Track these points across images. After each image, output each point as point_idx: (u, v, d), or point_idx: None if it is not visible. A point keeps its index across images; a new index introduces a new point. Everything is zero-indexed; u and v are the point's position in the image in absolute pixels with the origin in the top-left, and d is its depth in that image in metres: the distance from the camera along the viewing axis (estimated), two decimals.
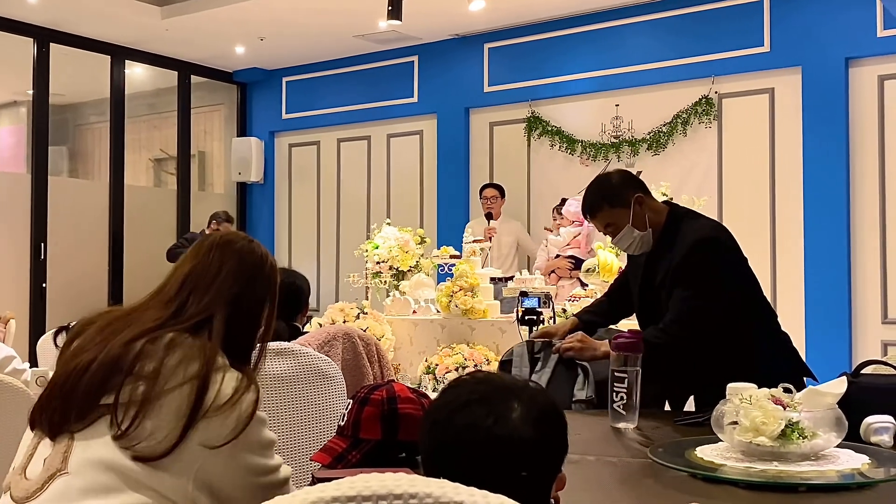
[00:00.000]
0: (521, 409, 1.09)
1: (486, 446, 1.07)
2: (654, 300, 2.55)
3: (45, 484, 1.32)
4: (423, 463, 1.12)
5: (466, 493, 0.87)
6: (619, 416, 2.10)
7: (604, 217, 2.54)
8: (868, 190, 5.71)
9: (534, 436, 1.08)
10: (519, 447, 1.07)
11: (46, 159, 7.13)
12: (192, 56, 7.88)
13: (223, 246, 1.53)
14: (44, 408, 1.38)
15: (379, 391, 1.69)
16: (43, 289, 7.03)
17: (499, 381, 1.15)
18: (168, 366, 1.35)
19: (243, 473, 1.39)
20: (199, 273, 1.49)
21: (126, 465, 1.31)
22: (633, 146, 6.44)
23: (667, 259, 2.48)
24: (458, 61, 7.28)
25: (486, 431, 1.07)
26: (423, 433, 1.15)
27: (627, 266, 2.85)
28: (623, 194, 2.52)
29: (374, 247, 5.79)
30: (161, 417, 1.32)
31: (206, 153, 8.71)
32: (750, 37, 6.05)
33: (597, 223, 2.58)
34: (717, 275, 2.42)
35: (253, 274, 1.53)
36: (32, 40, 7.01)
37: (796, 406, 1.68)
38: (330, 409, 2.34)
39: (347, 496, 0.86)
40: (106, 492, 1.29)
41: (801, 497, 1.50)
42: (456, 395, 1.12)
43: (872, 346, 5.62)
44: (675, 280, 2.43)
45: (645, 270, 2.60)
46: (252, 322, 1.52)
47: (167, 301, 1.46)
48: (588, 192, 2.60)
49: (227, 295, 1.47)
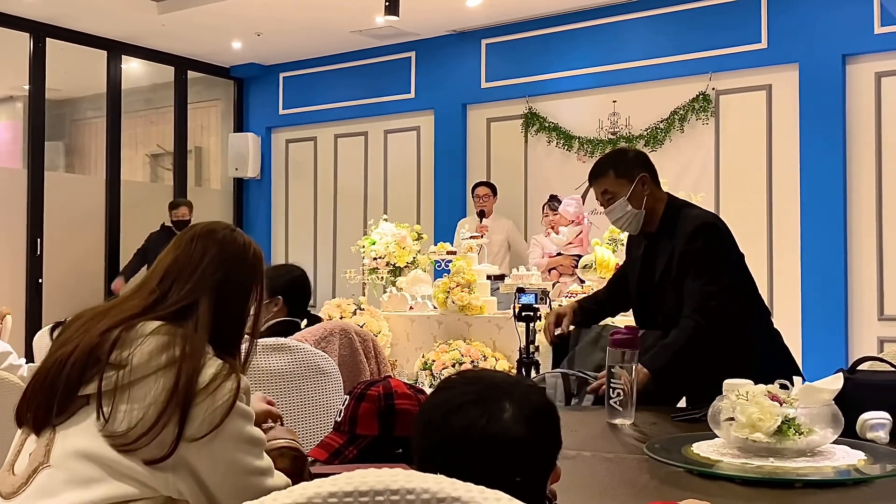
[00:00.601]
0: (513, 408, 1.10)
1: (480, 446, 1.08)
2: (654, 292, 2.55)
3: (30, 478, 1.32)
4: (419, 463, 1.12)
5: (464, 489, 0.87)
6: (616, 412, 2.10)
7: (605, 182, 2.57)
8: (865, 187, 5.71)
9: (526, 434, 1.09)
10: (512, 446, 1.09)
11: (42, 154, 7.11)
12: (188, 51, 7.86)
13: (205, 235, 1.51)
14: (28, 404, 1.38)
15: (376, 387, 1.68)
16: (39, 284, 7.01)
17: (490, 380, 1.16)
18: (144, 352, 1.34)
19: (226, 470, 1.36)
20: (181, 263, 1.47)
21: (107, 455, 1.30)
22: (630, 142, 6.43)
23: (667, 248, 2.50)
24: (455, 57, 7.27)
25: (480, 431, 1.08)
26: (417, 434, 1.15)
27: (626, 261, 2.86)
28: (631, 169, 2.56)
29: (370, 243, 5.78)
30: (137, 404, 1.31)
31: (202, 149, 8.68)
32: (747, 33, 6.05)
33: (596, 188, 2.60)
34: (721, 260, 2.45)
35: (236, 260, 1.51)
36: (29, 35, 6.99)
37: (793, 402, 1.68)
38: (326, 404, 2.33)
39: (344, 492, 0.86)
40: (88, 482, 1.29)
41: (797, 493, 1.50)
42: (450, 396, 1.13)
43: (868, 342, 5.62)
44: (683, 268, 2.44)
45: (643, 263, 2.61)
46: (238, 311, 1.50)
47: (149, 292, 1.45)
48: (601, 158, 2.67)
49: (210, 281, 1.45)
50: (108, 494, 1.29)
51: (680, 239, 2.46)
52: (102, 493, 1.28)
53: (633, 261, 2.70)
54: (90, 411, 1.33)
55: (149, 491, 1.31)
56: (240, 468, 1.37)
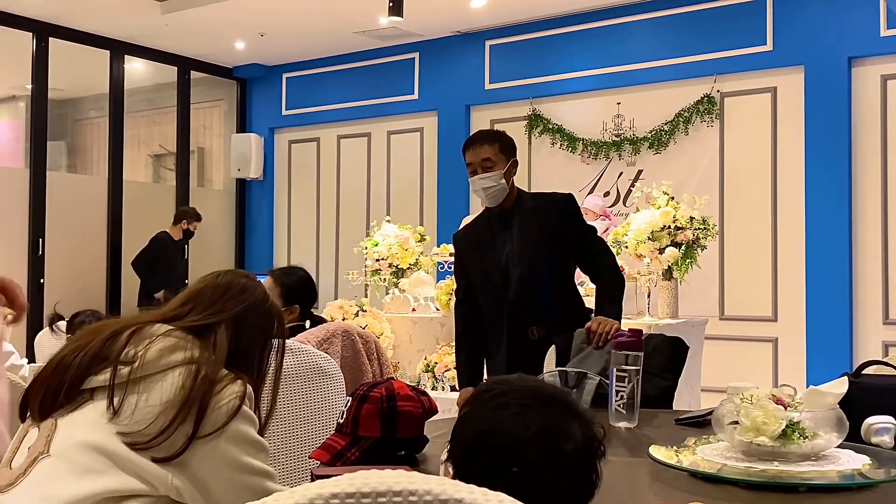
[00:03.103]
0: (579, 427, 1.13)
1: (568, 469, 1.11)
2: (531, 268, 2.82)
3: (28, 469, 1.31)
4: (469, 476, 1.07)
5: (466, 491, 0.87)
6: (620, 415, 2.09)
7: (489, 151, 2.83)
8: (870, 190, 5.70)
9: (592, 448, 1.14)
10: (586, 464, 1.13)
11: (45, 154, 7.10)
12: (191, 51, 7.86)
13: (233, 274, 1.60)
14: (37, 391, 1.39)
15: (378, 389, 1.69)
16: (41, 284, 7.00)
17: (544, 395, 1.16)
18: (154, 349, 1.37)
19: (225, 467, 1.36)
20: (205, 293, 1.54)
21: (113, 447, 1.30)
22: (634, 145, 6.42)
23: (533, 223, 2.83)
24: (459, 58, 7.26)
25: (567, 458, 1.11)
26: (483, 456, 1.13)
27: (466, 279, 3.00)
28: (512, 149, 2.89)
29: (373, 244, 5.75)
30: (149, 399, 1.33)
31: (205, 149, 8.70)
32: (752, 35, 6.03)
33: (478, 153, 2.83)
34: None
35: (256, 305, 1.57)
36: (31, 34, 6.99)
37: (797, 406, 1.67)
38: (329, 406, 2.33)
39: (347, 493, 0.85)
40: (91, 472, 1.28)
41: (801, 497, 1.49)
42: (519, 419, 1.12)
43: (874, 346, 5.60)
44: (580, 232, 2.87)
45: (503, 250, 2.86)
46: (250, 351, 1.54)
47: (168, 310, 1.51)
48: (485, 130, 2.98)
49: (229, 313, 1.51)
50: (110, 487, 1.28)
51: (556, 209, 2.85)
52: (104, 484, 1.28)
53: (484, 263, 2.89)
54: (96, 405, 1.34)
55: (150, 488, 1.31)
56: (241, 468, 1.37)
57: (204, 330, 1.46)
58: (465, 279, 3.01)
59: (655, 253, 4.78)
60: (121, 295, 7.46)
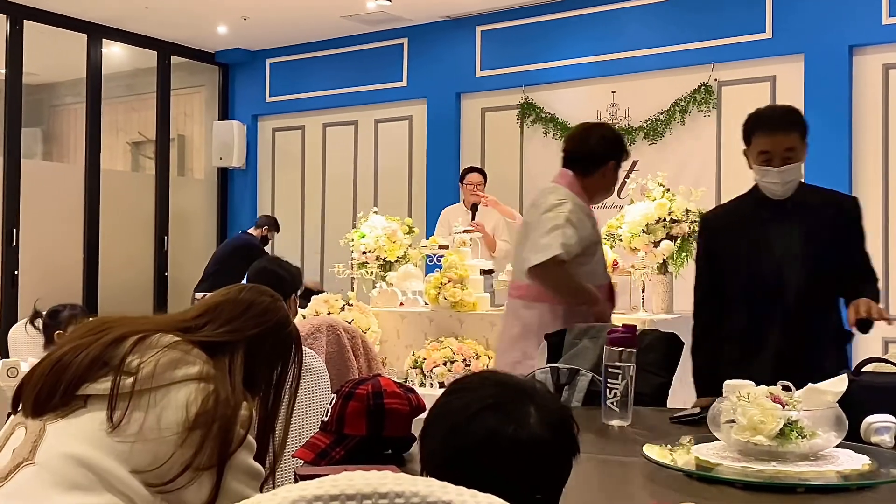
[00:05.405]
0: (538, 412, 1.11)
1: (508, 453, 1.08)
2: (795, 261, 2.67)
3: (10, 474, 1.28)
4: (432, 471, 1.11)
5: (455, 493, 0.86)
6: (612, 413, 2.07)
7: (794, 140, 2.62)
8: (871, 181, 5.64)
9: (552, 438, 1.11)
10: (539, 451, 1.10)
11: (19, 141, 6.98)
12: (172, 35, 7.77)
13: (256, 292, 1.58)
14: (33, 385, 1.36)
15: (364, 386, 1.68)
16: (15, 276, 6.90)
17: (509, 383, 1.15)
18: (162, 361, 1.34)
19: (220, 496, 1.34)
20: (225, 307, 1.51)
21: (104, 464, 1.26)
22: (629, 134, 6.34)
23: (824, 223, 2.68)
24: (449, 44, 7.18)
25: (508, 438, 1.08)
26: (431, 440, 1.14)
27: (715, 256, 2.81)
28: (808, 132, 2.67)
29: (360, 236, 5.77)
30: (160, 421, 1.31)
31: (185, 137, 8.62)
32: (751, 23, 5.97)
33: (790, 138, 2.62)
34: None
35: (276, 327, 1.55)
36: (5, 17, 6.85)
37: (795, 405, 1.67)
38: (313, 403, 2.33)
39: (330, 495, 0.85)
40: (74, 488, 1.25)
41: (799, 498, 1.49)
42: (469, 400, 1.12)
43: (874, 343, 5.52)
44: (862, 243, 2.79)
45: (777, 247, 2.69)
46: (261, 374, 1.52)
47: (182, 320, 1.48)
48: (786, 110, 2.70)
49: (247, 333, 1.48)
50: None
51: (839, 210, 2.65)
52: (88, 502, 1.24)
53: (750, 249, 2.66)
54: (94, 414, 1.30)
55: None
56: (232, 497, 1.35)
57: (217, 348, 1.42)
58: (715, 275, 2.71)
59: (650, 246, 4.81)
60: (98, 288, 7.35)
